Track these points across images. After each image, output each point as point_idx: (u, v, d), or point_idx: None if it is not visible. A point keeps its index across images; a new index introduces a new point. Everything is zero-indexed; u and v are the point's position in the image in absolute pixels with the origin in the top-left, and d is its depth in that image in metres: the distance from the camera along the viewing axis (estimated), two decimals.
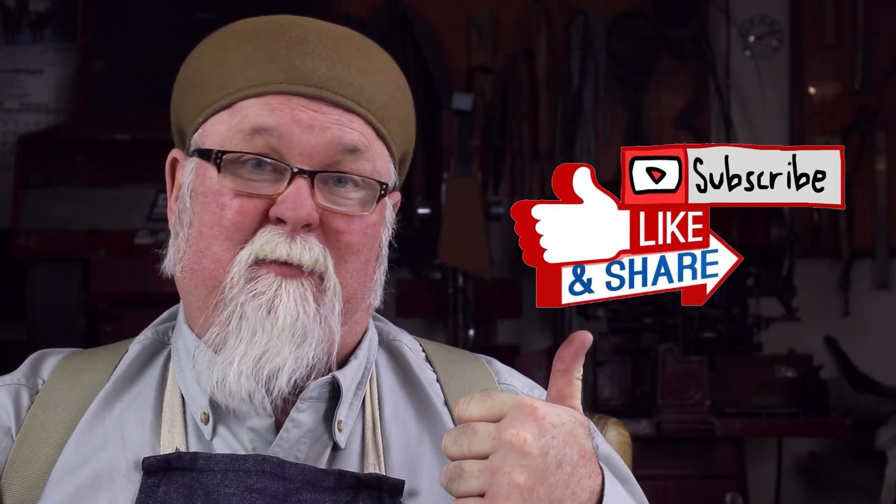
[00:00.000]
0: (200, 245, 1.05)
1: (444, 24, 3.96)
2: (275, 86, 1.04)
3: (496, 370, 1.19)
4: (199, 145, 1.07)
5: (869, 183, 3.97)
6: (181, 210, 1.08)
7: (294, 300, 1.02)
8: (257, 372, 1.01)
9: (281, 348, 1.02)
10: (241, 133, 1.04)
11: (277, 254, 1.02)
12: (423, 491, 1.06)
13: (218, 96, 1.06)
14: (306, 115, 1.03)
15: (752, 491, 3.30)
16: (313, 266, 1.03)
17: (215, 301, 1.04)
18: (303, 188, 1.02)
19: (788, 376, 3.30)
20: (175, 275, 1.10)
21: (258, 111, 1.04)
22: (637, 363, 3.28)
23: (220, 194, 1.04)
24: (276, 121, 1.03)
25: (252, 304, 1.02)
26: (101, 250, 3.18)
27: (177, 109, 1.12)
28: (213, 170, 1.05)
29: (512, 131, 3.91)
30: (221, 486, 1.01)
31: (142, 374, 1.12)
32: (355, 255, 1.06)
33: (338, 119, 1.04)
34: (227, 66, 1.06)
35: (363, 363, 1.12)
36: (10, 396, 1.10)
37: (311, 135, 1.03)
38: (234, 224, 1.03)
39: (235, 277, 1.03)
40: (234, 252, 1.03)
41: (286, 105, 1.03)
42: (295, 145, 1.03)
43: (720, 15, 4.02)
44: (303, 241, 1.02)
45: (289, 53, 1.04)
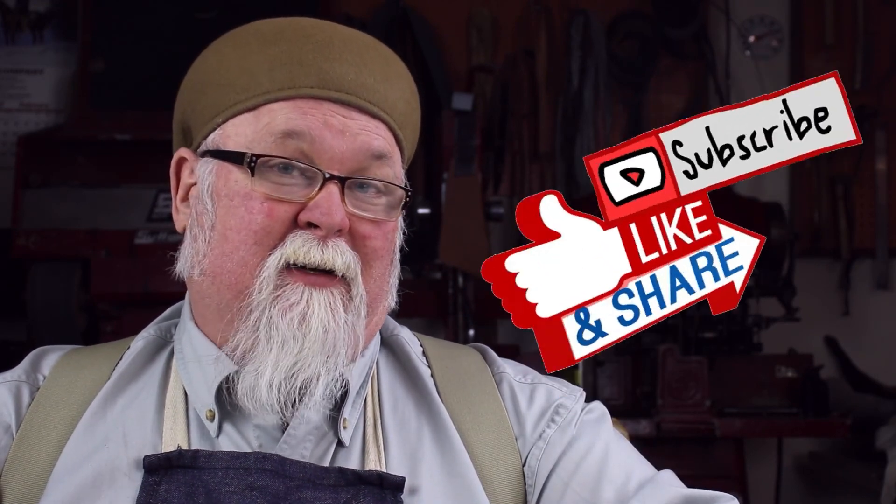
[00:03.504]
0: (226, 248, 1.04)
1: (444, 24, 3.95)
2: (306, 90, 1.04)
3: (490, 360, 1.20)
4: (219, 146, 1.06)
5: (869, 183, 3.97)
6: (200, 212, 1.07)
7: (325, 310, 1.02)
8: (290, 382, 1.02)
9: (312, 359, 1.02)
10: (270, 136, 1.03)
11: (310, 258, 1.02)
12: (423, 486, 1.07)
13: (241, 97, 1.05)
14: (337, 121, 1.04)
15: (752, 491, 3.30)
16: (345, 271, 1.03)
17: (240, 306, 1.03)
18: (334, 194, 1.03)
19: (788, 376, 3.29)
20: (190, 277, 1.09)
21: (289, 114, 1.03)
22: (637, 363, 3.28)
23: (250, 198, 1.03)
24: (308, 125, 1.03)
25: (283, 313, 1.01)
26: (101, 250, 3.18)
27: (186, 108, 1.11)
28: (237, 172, 1.04)
29: (512, 131, 3.91)
30: (222, 483, 1.01)
31: (144, 371, 1.12)
32: (379, 260, 1.07)
33: (365, 125, 1.05)
34: (252, 67, 1.05)
35: (368, 361, 1.12)
36: (10, 393, 1.10)
37: (342, 140, 1.04)
38: (263, 228, 1.03)
39: (264, 283, 1.02)
40: (262, 256, 1.03)
41: (317, 109, 1.04)
42: (326, 150, 1.03)
43: (720, 15, 4.02)
44: (334, 246, 1.03)
45: (317, 57, 1.05)
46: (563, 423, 1.13)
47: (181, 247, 1.10)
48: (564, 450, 1.11)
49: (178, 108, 1.12)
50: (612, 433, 1.15)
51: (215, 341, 1.07)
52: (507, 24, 4.01)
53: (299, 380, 1.02)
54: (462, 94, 3.46)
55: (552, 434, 1.12)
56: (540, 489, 1.10)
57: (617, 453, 1.12)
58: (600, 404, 1.17)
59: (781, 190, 4.00)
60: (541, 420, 1.13)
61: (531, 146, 3.97)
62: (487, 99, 3.84)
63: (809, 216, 3.95)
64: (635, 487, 1.09)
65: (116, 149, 3.32)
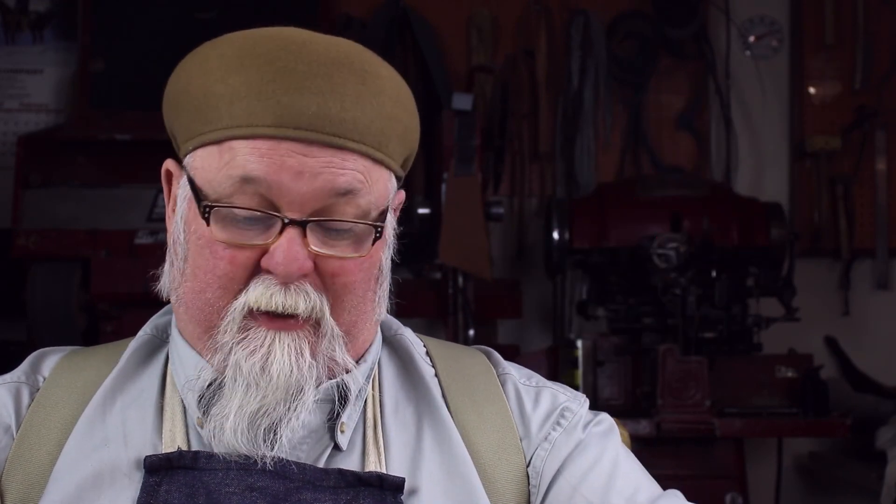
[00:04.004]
0: (196, 286, 1.04)
1: (444, 24, 3.95)
2: (262, 129, 0.99)
3: (495, 361, 1.19)
4: (190, 174, 1.04)
5: (869, 183, 3.97)
6: (175, 240, 1.07)
7: (287, 355, 1.01)
8: (254, 429, 1.01)
9: (276, 405, 1.01)
10: (230, 179, 1.00)
11: (273, 304, 1.00)
12: (423, 487, 1.07)
13: (206, 129, 1.02)
14: (295, 161, 0.99)
15: (752, 491, 3.30)
16: (309, 313, 1.01)
17: (208, 340, 1.04)
18: (294, 239, 1.00)
19: (788, 376, 3.29)
20: (170, 298, 1.09)
21: (247, 157, 1.00)
22: (637, 363, 3.28)
23: (213, 242, 1.02)
24: (265, 169, 0.99)
25: (246, 358, 1.01)
26: (101, 250, 3.18)
27: (168, 119, 1.10)
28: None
29: (512, 131, 3.91)
30: (222, 484, 1.01)
31: (143, 370, 1.12)
32: (352, 293, 1.04)
33: (329, 161, 1.00)
34: (213, 97, 1.02)
35: (370, 365, 1.12)
36: (10, 394, 1.10)
37: (300, 182, 0.99)
38: (226, 275, 1.02)
39: (229, 326, 1.02)
40: (228, 300, 1.02)
41: (275, 151, 0.99)
42: (284, 193, 0.99)
43: (720, 15, 4.02)
44: (297, 289, 1.00)
45: (276, 89, 0.99)
46: (568, 427, 1.13)
47: (163, 264, 1.10)
48: (570, 454, 1.11)
49: (164, 115, 1.10)
50: (621, 447, 1.15)
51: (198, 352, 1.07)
52: (507, 24, 4.01)
53: (263, 425, 1.01)
54: (462, 94, 3.46)
55: (558, 436, 1.12)
56: (545, 491, 1.10)
57: (626, 467, 1.12)
58: (608, 416, 1.17)
59: (781, 190, 4.00)
60: (546, 422, 1.13)
61: (531, 146, 3.97)
62: (487, 99, 3.84)
63: (809, 216, 3.95)
64: (645, 502, 1.08)
65: (116, 149, 3.32)
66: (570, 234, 3.37)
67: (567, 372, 3.31)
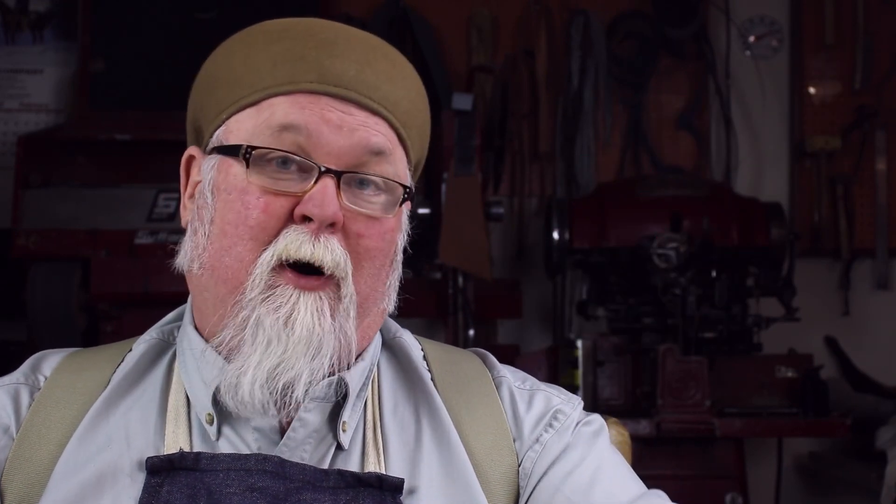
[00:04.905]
0: (224, 243, 1.04)
1: (444, 24, 3.96)
2: (305, 84, 1.04)
3: (490, 365, 1.20)
4: (221, 142, 1.07)
5: (869, 183, 3.97)
6: (200, 206, 1.08)
7: (311, 313, 1.02)
8: (272, 383, 1.01)
9: (296, 360, 1.01)
10: (269, 129, 1.04)
11: (301, 253, 1.01)
12: (422, 488, 1.07)
13: (245, 93, 1.06)
14: (335, 116, 1.04)
15: (752, 491, 3.30)
16: (334, 269, 1.02)
17: (233, 301, 1.03)
18: (329, 187, 1.02)
19: (788, 376, 3.29)
20: (190, 271, 1.09)
21: (287, 109, 1.04)
22: (637, 363, 3.28)
23: (246, 192, 1.03)
24: (306, 119, 1.03)
25: (269, 314, 1.01)
26: (101, 250, 3.18)
27: (197, 107, 1.12)
28: (237, 166, 1.04)
29: (512, 131, 3.91)
30: (224, 485, 1.01)
31: (147, 374, 1.12)
32: (371, 260, 1.06)
33: (365, 121, 1.05)
34: (256, 63, 1.06)
35: (368, 364, 1.12)
36: (9, 396, 1.10)
37: (339, 135, 1.03)
38: (259, 224, 1.03)
39: (257, 280, 1.02)
40: (258, 252, 1.02)
41: (315, 104, 1.04)
42: (323, 144, 1.03)
43: (720, 15, 4.02)
44: (326, 242, 1.02)
45: (319, 54, 1.05)
46: (560, 429, 1.13)
47: (182, 240, 1.11)
48: (559, 455, 1.12)
49: (190, 108, 1.13)
50: (609, 447, 1.16)
51: (206, 337, 1.07)
52: (507, 24, 4.01)
53: (282, 381, 1.01)
54: (462, 94, 3.45)
55: (549, 439, 1.13)
56: (530, 491, 1.11)
57: (610, 467, 1.12)
58: (599, 417, 1.18)
59: (781, 190, 4.00)
60: (538, 424, 1.14)
61: (531, 146, 3.97)
62: (487, 99, 3.84)
63: (809, 216, 3.96)
64: (627, 501, 1.09)
65: (116, 149, 3.32)
66: (570, 234, 3.37)
67: (567, 372, 3.31)
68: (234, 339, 1.03)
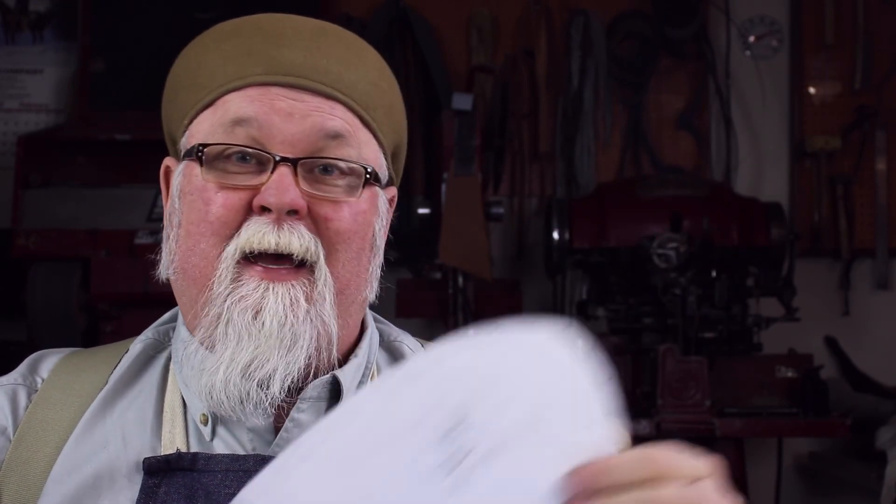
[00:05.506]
0: (189, 243, 1.04)
1: (444, 24, 3.95)
2: (254, 77, 1.04)
3: None
4: (185, 147, 1.07)
5: (869, 183, 3.97)
6: (171, 212, 1.08)
7: (281, 302, 1.01)
8: (247, 381, 1.00)
9: (270, 355, 1.00)
10: (222, 127, 1.04)
11: (265, 243, 1.00)
12: None
13: (202, 95, 1.06)
14: (285, 104, 1.03)
15: (752, 491, 3.30)
16: (304, 254, 1.01)
17: (203, 300, 1.03)
18: (286, 175, 1.01)
19: (788, 376, 3.29)
20: (169, 278, 1.09)
21: (238, 103, 1.03)
22: (637, 363, 3.28)
23: (205, 190, 1.03)
24: (256, 111, 1.03)
25: (238, 307, 1.00)
26: (101, 250, 3.18)
27: (167, 117, 1.12)
28: (198, 167, 1.04)
29: (512, 131, 3.91)
30: (222, 486, 1.01)
31: (143, 374, 1.12)
32: (346, 243, 1.04)
33: (318, 106, 1.04)
34: (209, 64, 1.06)
35: (363, 362, 1.12)
36: (6, 397, 1.10)
37: (290, 122, 1.03)
38: (218, 219, 1.02)
39: (222, 275, 1.01)
40: (222, 248, 1.02)
41: (265, 95, 1.03)
42: (276, 134, 1.02)
43: (720, 15, 4.02)
44: (290, 228, 1.01)
45: (267, 46, 1.05)
46: None
47: (160, 251, 1.11)
48: None
49: (163, 119, 1.14)
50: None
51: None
52: (507, 24, 4.01)
53: (257, 376, 1.00)
54: (462, 94, 3.46)
55: None
56: None
57: None
58: None
59: (781, 190, 4.00)
60: None
61: (531, 146, 3.97)
62: (487, 99, 3.84)
63: (809, 216, 3.95)
64: None
65: (116, 149, 3.32)
66: (570, 234, 3.37)
67: None
68: (208, 338, 1.03)
